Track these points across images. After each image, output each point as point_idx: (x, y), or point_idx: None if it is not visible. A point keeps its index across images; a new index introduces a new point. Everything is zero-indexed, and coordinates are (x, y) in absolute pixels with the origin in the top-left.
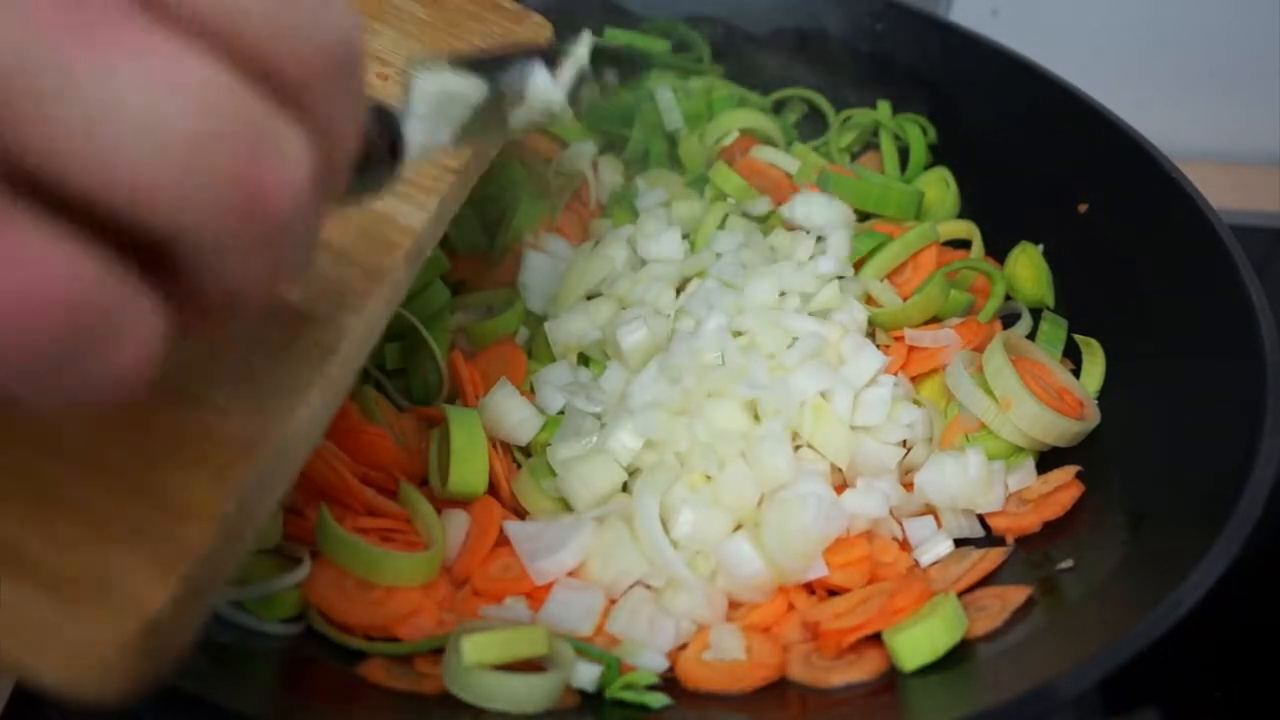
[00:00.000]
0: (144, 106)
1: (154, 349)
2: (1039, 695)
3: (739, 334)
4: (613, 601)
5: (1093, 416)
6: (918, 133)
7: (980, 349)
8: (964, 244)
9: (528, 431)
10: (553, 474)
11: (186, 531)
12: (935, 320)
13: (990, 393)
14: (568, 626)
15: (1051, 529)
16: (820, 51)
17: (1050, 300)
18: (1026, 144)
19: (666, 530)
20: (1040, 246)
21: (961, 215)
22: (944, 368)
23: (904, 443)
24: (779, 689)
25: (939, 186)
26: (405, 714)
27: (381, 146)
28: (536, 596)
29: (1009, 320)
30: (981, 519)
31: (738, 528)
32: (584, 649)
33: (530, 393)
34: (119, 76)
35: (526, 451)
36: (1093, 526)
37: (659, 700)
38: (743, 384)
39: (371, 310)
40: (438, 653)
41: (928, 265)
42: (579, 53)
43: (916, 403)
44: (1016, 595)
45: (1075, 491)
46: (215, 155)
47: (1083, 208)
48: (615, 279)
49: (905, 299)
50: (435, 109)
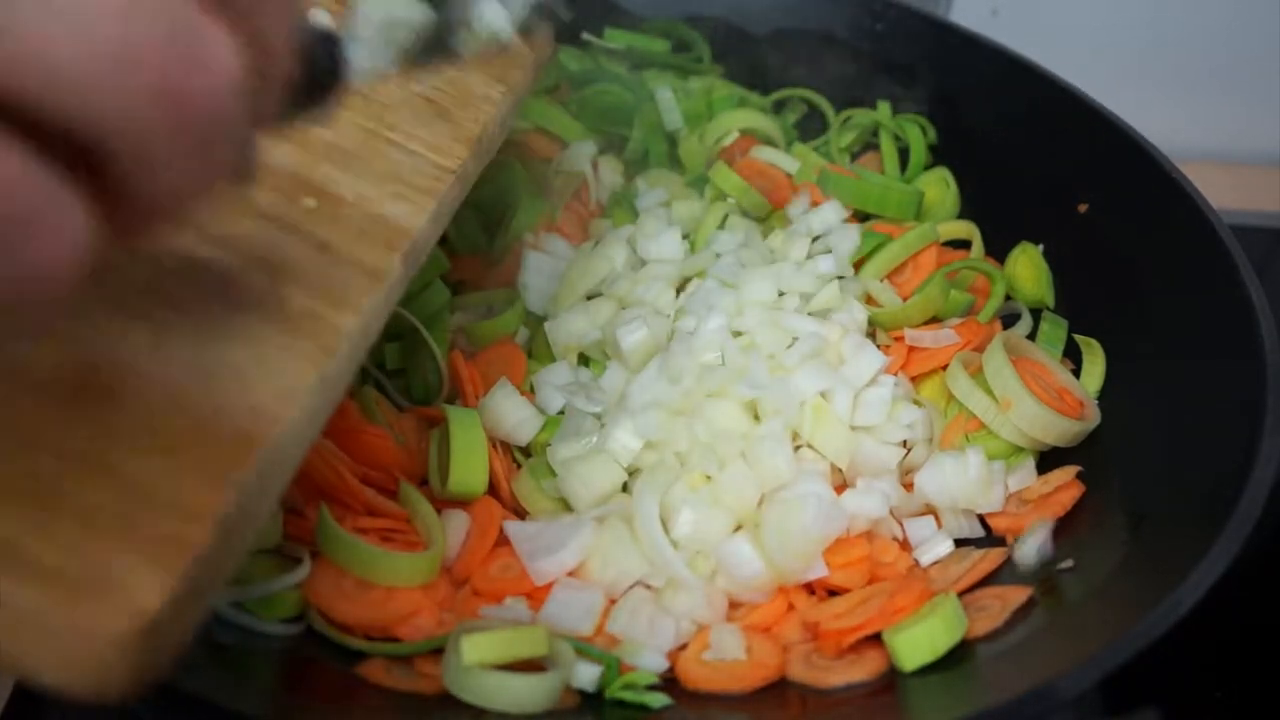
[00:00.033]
0: (71, 4)
1: (81, 245)
2: (1039, 695)
3: (739, 334)
4: (613, 601)
5: (1093, 416)
6: (918, 133)
7: (980, 349)
8: (964, 244)
9: (528, 431)
10: (553, 474)
11: (185, 531)
12: (935, 320)
13: (990, 393)
14: (568, 626)
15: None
16: (820, 51)
17: (1050, 300)
18: (1026, 144)
19: (666, 530)
20: (1040, 246)
21: (961, 215)
22: (944, 368)
23: (904, 443)
24: (779, 689)
25: (939, 186)
26: (405, 714)
27: (325, 69)
28: (536, 596)
29: (1009, 320)
30: (982, 519)
31: (738, 528)
32: (584, 649)
33: (530, 393)
34: None
35: (526, 451)
36: (1093, 526)
37: (659, 700)
38: (743, 384)
39: (369, 310)
40: (438, 653)
41: (928, 265)
42: None
43: (916, 403)
44: (1016, 595)
45: (1075, 491)
46: (141, 53)
47: (1083, 208)
48: (615, 279)
49: (905, 299)
50: (379, 33)
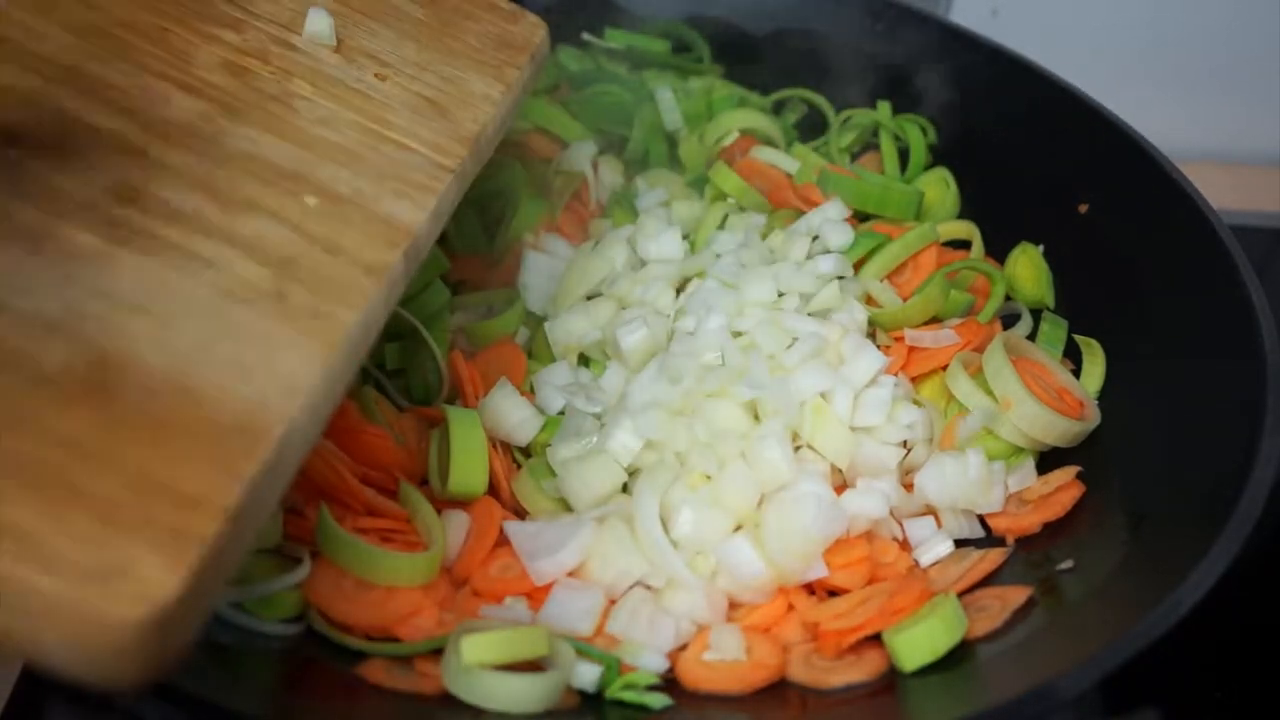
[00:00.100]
0: None
1: None
2: (1039, 695)
3: (739, 334)
4: (613, 601)
5: (1093, 416)
6: (918, 133)
7: (980, 349)
8: (964, 244)
9: (528, 431)
10: (553, 474)
11: (196, 523)
12: (935, 320)
13: (990, 393)
14: (568, 626)
15: (1051, 529)
16: (820, 51)
17: (1050, 300)
18: (1026, 144)
19: (666, 530)
20: (1040, 246)
21: (961, 215)
22: (944, 368)
23: (904, 443)
24: (779, 689)
25: (939, 186)
26: (405, 714)
27: None
28: (536, 596)
29: (1009, 320)
30: (981, 519)
31: (738, 528)
32: (584, 649)
33: (530, 393)
34: None
35: (526, 451)
36: (1093, 526)
37: (659, 700)
38: (743, 384)
39: (371, 307)
40: (438, 653)
41: (928, 265)
42: None
43: (916, 403)
44: (1016, 595)
45: (1075, 491)
46: None
47: (1083, 208)
48: (615, 279)
49: (905, 299)
50: None
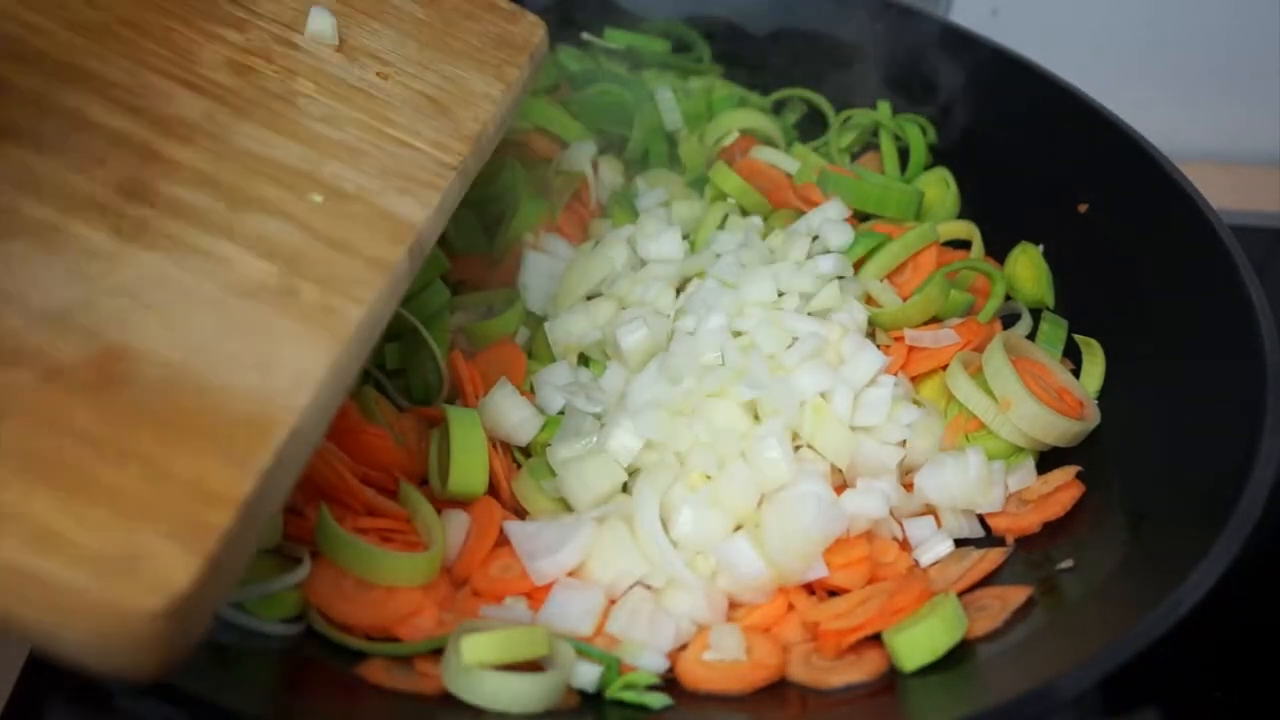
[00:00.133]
0: None
1: None
2: (1039, 695)
3: (739, 334)
4: (613, 601)
5: (1093, 416)
6: (918, 133)
7: (980, 349)
8: (964, 244)
9: (528, 431)
10: (553, 474)
11: (210, 514)
12: (935, 320)
13: (990, 393)
14: (568, 626)
15: (1051, 529)
16: (820, 51)
17: (1050, 300)
18: (1026, 144)
19: (666, 530)
20: (1040, 246)
21: (961, 215)
22: (944, 368)
23: (904, 443)
24: (779, 689)
25: (939, 186)
26: (405, 714)
27: None
28: (536, 596)
29: (1009, 320)
30: (981, 519)
31: (738, 528)
32: (584, 649)
33: (530, 393)
34: None
35: (526, 451)
36: (1093, 526)
37: (659, 700)
38: (743, 384)
39: (377, 302)
40: (438, 653)
41: (928, 265)
42: None
43: (916, 403)
44: (1016, 595)
45: (1075, 491)
46: None
47: (1083, 208)
48: (615, 279)
49: (905, 299)
50: None
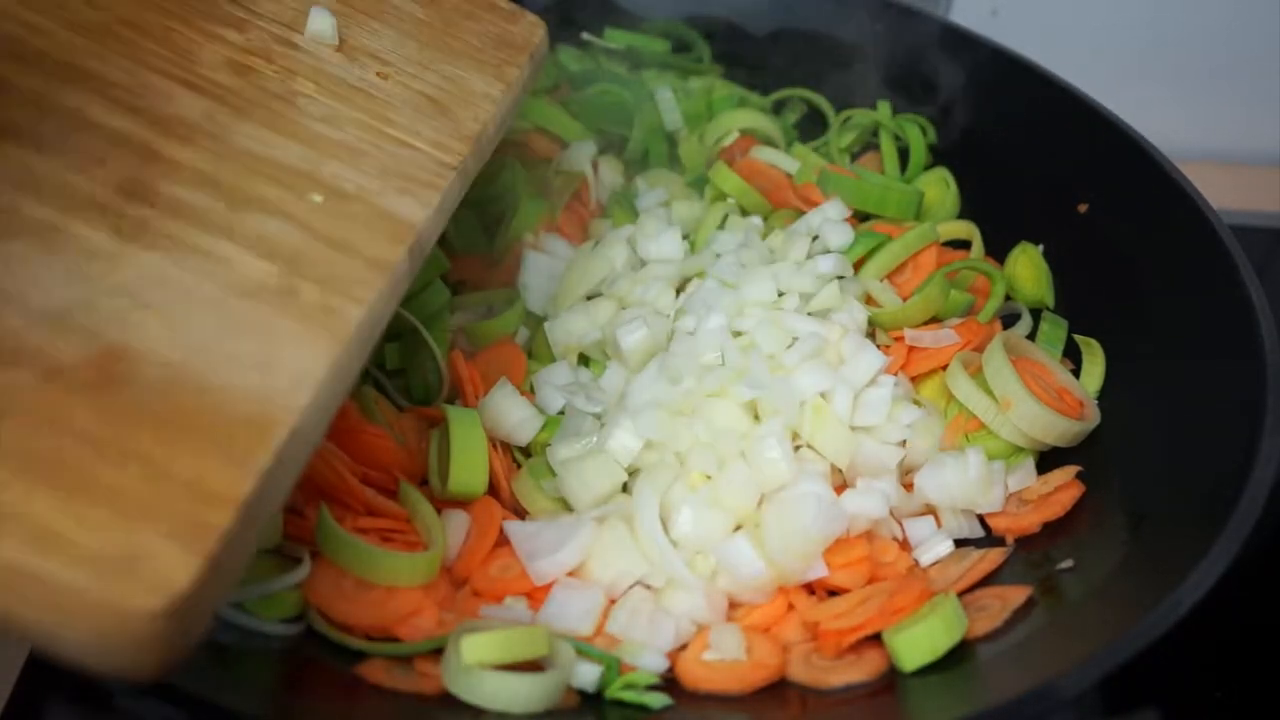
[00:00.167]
0: None
1: None
2: (1039, 695)
3: (739, 334)
4: (613, 601)
5: (1093, 416)
6: (918, 133)
7: (980, 349)
8: (964, 244)
9: (528, 431)
10: (553, 474)
11: (210, 513)
12: (935, 320)
13: (990, 393)
14: (568, 626)
15: (1051, 529)
16: (820, 51)
17: (1050, 300)
18: (1026, 144)
19: (666, 530)
20: (1040, 246)
21: (961, 215)
22: (944, 368)
23: (904, 443)
24: (779, 689)
25: (939, 186)
26: (405, 714)
27: None
28: (536, 596)
29: (1009, 320)
30: (981, 519)
31: (738, 528)
32: (584, 649)
33: (530, 393)
34: None
35: (526, 451)
36: (1093, 526)
37: (659, 700)
38: (743, 384)
39: (377, 301)
40: (438, 653)
41: (928, 265)
42: None
43: (916, 403)
44: (1016, 595)
45: (1075, 491)
46: None
47: (1083, 208)
48: (615, 279)
49: (905, 299)
50: None
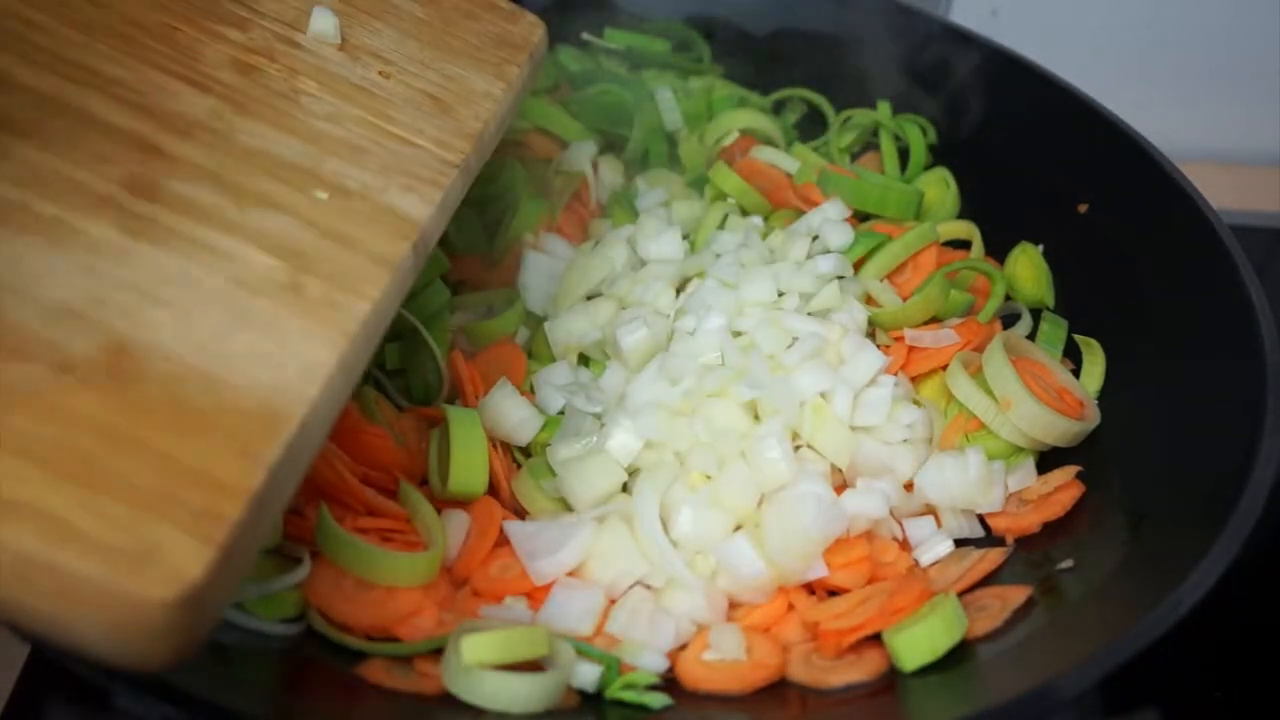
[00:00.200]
0: None
1: None
2: (1039, 695)
3: (739, 334)
4: (613, 601)
5: (1093, 416)
6: (918, 133)
7: (980, 349)
8: (964, 244)
9: (528, 431)
10: (553, 474)
11: (222, 505)
12: (935, 320)
13: (990, 393)
14: (568, 626)
15: (1051, 529)
16: (820, 51)
17: (1050, 300)
18: (1026, 144)
19: (666, 530)
20: (1040, 246)
21: (961, 215)
22: (944, 368)
23: (904, 442)
24: (779, 689)
25: (939, 186)
26: (405, 714)
27: None
28: (536, 596)
29: (1009, 320)
30: (981, 519)
31: (738, 528)
32: (584, 649)
33: (530, 393)
34: None
35: (526, 451)
36: (1093, 526)
37: (659, 700)
38: (743, 384)
39: (383, 297)
40: (438, 653)
41: (928, 265)
42: None
43: (916, 403)
44: (1016, 595)
45: (1075, 491)
46: None
47: (1083, 208)
48: (615, 279)
49: (905, 299)
50: None
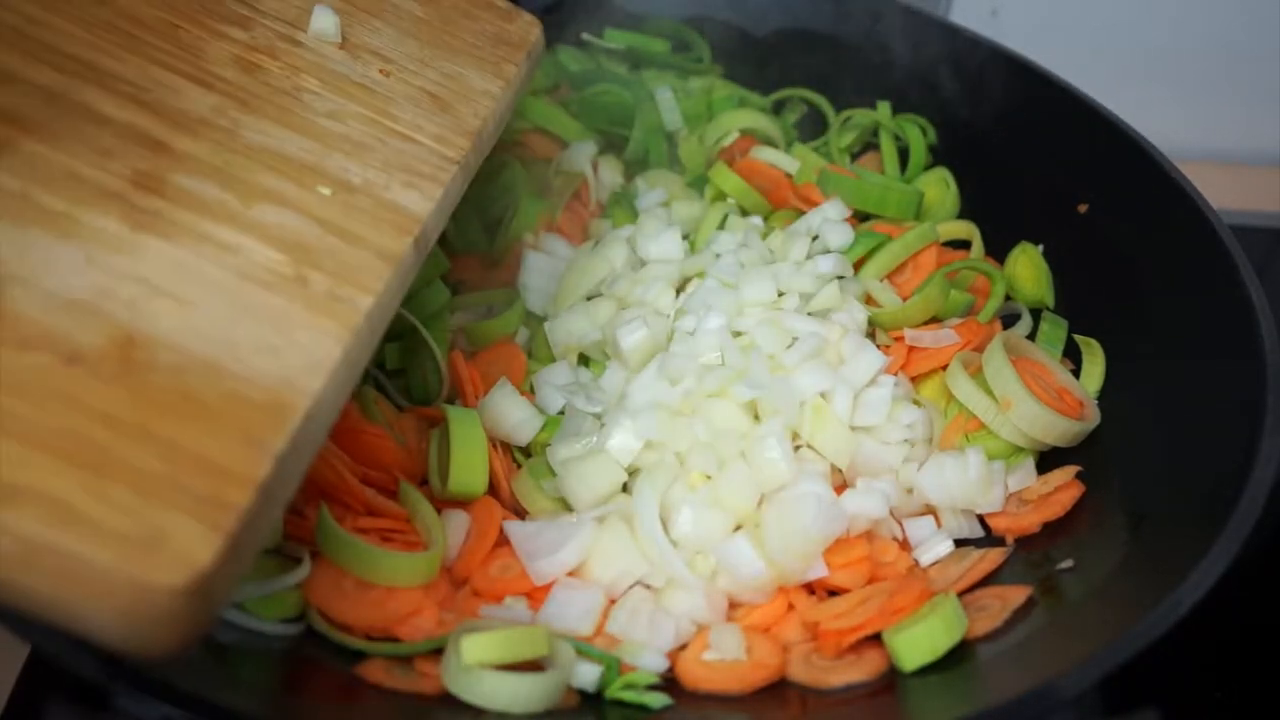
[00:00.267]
0: None
1: None
2: (1039, 695)
3: (739, 334)
4: (613, 601)
5: (1093, 416)
6: (918, 133)
7: (980, 349)
8: (964, 244)
9: (528, 431)
10: (553, 474)
11: (229, 493)
12: (935, 320)
13: (990, 393)
14: (568, 626)
15: (1051, 529)
16: (820, 51)
17: (1050, 300)
18: (1026, 144)
19: (666, 530)
20: (1040, 246)
21: (961, 215)
22: (944, 368)
23: (904, 442)
24: (779, 689)
25: (939, 186)
26: (405, 714)
27: None
28: (536, 596)
29: (1009, 320)
30: (981, 519)
31: (738, 528)
32: (584, 649)
33: (530, 393)
34: None
35: (526, 451)
36: (1093, 526)
37: (659, 700)
38: (743, 384)
39: (385, 291)
40: (438, 653)
41: (928, 265)
42: None
43: (916, 403)
44: (1016, 595)
45: (1075, 491)
46: None
47: (1083, 208)
48: (615, 279)
49: (905, 299)
50: None
